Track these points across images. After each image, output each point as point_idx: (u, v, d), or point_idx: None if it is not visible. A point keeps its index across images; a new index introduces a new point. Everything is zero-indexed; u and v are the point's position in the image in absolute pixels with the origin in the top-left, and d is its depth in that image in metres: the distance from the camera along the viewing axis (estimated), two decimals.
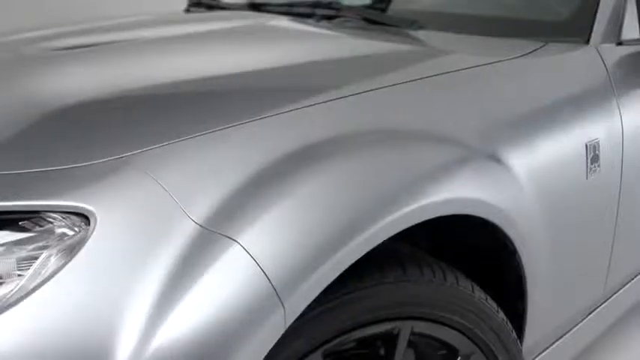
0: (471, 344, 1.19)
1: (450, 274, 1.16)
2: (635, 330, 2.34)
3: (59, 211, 0.91)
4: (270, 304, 0.89)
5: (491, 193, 1.20)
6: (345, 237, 0.95)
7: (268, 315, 0.89)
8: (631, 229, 1.66)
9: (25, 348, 0.82)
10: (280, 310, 0.89)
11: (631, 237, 1.69)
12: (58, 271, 0.86)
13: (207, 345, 0.86)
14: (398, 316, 1.09)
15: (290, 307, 0.90)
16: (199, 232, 0.90)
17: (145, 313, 0.85)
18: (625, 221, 1.61)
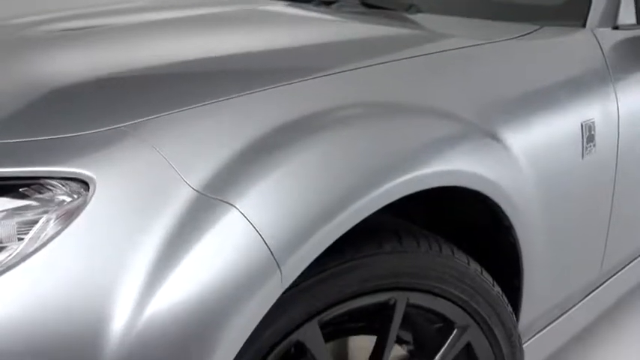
0: (467, 316, 1.20)
1: (446, 246, 1.18)
2: (634, 312, 2.35)
3: (59, 177, 0.92)
4: (267, 268, 0.90)
5: (488, 168, 1.21)
6: (341, 203, 0.97)
7: (265, 278, 0.90)
8: (627, 211, 1.68)
9: (23, 311, 0.83)
10: (277, 273, 0.91)
11: (627, 218, 1.70)
12: (56, 235, 0.87)
13: (204, 308, 0.88)
14: (394, 286, 1.11)
15: (287, 270, 0.92)
16: (197, 198, 0.91)
17: (143, 277, 0.86)
18: (621, 202, 1.62)
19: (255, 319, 0.91)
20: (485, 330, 1.23)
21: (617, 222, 1.65)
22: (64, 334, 0.83)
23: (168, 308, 0.87)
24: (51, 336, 0.83)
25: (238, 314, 0.89)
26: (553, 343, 1.70)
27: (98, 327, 0.84)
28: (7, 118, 1.05)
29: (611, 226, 1.64)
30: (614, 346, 2.15)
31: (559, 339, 1.73)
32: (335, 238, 0.96)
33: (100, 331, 0.84)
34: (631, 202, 1.69)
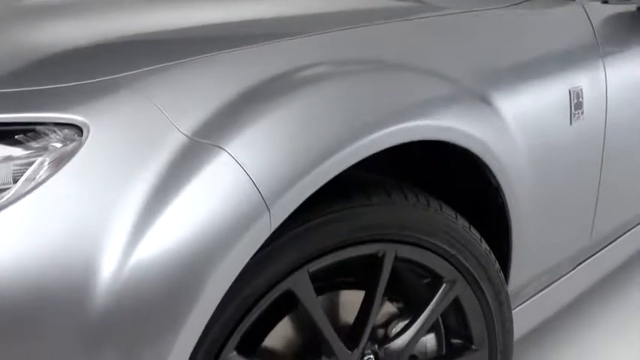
0: (455, 271, 1.22)
1: (434, 201, 1.20)
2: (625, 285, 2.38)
3: (53, 123, 0.94)
4: (257, 209, 0.93)
5: (476, 128, 1.24)
6: (329, 149, 0.99)
7: (254, 219, 0.93)
8: (616, 180, 1.70)
9: (14, 251, 0.85)
10: (266, 214, 0.93)
11: (616, 188, 1.72)
12: (49, 178, 0.89)
13: (193, 249, 0.90)
14: (382, 238, 1.13)
15: (275, 211, 0.94)
16: (188, 143, 0.94)
17: (133, 220, 0.88)
18: (610, 171, 1.65)
19: (242, 261, 0.94)
20: (472, 285, 1.25)
21: (606, 191, 1.67)
22: (53, 276, 0.86)
23: (158, 249, 0.89)
24: (40, 277, 0.85)
25: (226, 255, 0.92)
26: (543, 311, 1.72)
27: (88, 269, 0.86)
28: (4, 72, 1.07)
29: (600, 195, 1.66)
30: (603, 321, 2.18)
31: (549, 308, 1.75)
32: (323, 182, 0.99)
33: (90, 274, 0.86)
34: (620, 171, 1.72)
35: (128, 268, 0.87)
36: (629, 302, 2.28)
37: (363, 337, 1.16)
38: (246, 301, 1.04)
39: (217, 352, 1.04)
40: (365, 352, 1.19)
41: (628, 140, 1.72)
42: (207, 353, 1.02)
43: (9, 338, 0.86)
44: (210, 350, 1.02)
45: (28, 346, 0.87)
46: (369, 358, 1.20)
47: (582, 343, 2.05)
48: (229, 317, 1.03)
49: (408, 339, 1.21)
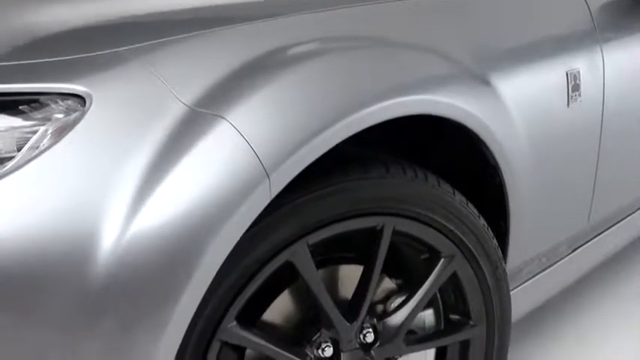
0: (453, 246, 1.24)
1: (432, 176, 1.22)
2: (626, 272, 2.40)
3: (57, 93, 0.96)
4: (256, 176, 0.94)
5: (475, 105, 1.25)
6: (329, 119, 1.01)
7: (254, 186, 0.94)
8: (614, 164, 1.71)
9: (17, 218, 0.87)
10: (266, 181, 0.95)
11: (614, 172, 1.73)
12: (51, 146, 0.90)
13: (194, 215, 0.91)
14: (380, 211, 1.14)
15: (275, 179, 0.96)
16: (189, 113, 0.95)
17: (134, 187, 0.90)
18: (607, 154, 1.66)
19: (242, 227, 0.95)
20: (470, 260, 1.26)
21: (604, 174, 1.68)
22: (55, 244, 0.87)
23: (158, 217, 0.90)
24: (42, 245, 0.87)
25: (226, 222, 0.93)
26: (541, 293, 1.74)
27: (89, 237, 0.88)
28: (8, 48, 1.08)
29: (597, 178, 1.67)
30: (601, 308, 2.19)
31: (547, 291, 1.76)
32: (322, 152, 1.00)
33: (91, 242, 0.88)
34: (617, 155, 1.73)
35: (129, 236, 0.89)
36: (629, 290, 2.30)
37: (362, 310, 1.18)
38: (246, 271, 1.05)
39: (218, 322, 1.05)
40: (364, 325, 1.20)
41: (626, 125, 1.74)
42: (207, 322, 1.04)
43: (10, 306, 0.88)
44: (210, 319, 1.04)
45: (29, 314, 0.88)
46: (368, 331, 1.21)
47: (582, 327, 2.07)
48: (230, 287, 1.04)
49: (407, 313, 1.23)
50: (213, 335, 1.05)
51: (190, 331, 1.01)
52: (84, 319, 0.89)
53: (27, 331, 0.89)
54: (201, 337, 1.04)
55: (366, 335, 1.21)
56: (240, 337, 1.08)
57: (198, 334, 1.03)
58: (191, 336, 1.02)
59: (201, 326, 1.03)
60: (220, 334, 1.05)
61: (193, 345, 1.04)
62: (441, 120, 1.24)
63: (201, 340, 1.04)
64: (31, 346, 0.89)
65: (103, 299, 0.89)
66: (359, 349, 1.20)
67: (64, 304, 0.88)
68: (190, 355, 1.04)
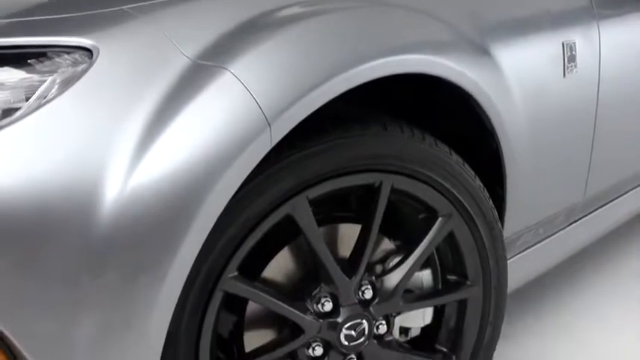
0: (449, 205, 1.26)
1: (429, 136, 1.24)
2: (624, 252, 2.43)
3: (64, 46, 0.99)
4: (258, 124, 0.97)
5: (471, 69, 1.28)
6: (329, 71, 1.04)
7: (256, 133, 0.97)
8: (610, 138, 1.74)
9: (23, 165, 0.89)
10: (267, 129, 0.98)
11: (610, 146, 1.76)
12: (58, 96, 0.93)
13: (196, 162, 0.94)
14: (378, 168, 1.17)
15: (276, 127, 0.98)
16: (192, 66, 0.98)
17: (138, 136, 0.92)
18: (603, 126, 1.68)
19: (243, 175, 0.98)
20: (467, 220, 1.29)
21: (600, 148, 1.71)
22: (60, 193, 0.89)
23: (161, 165, 0.93)
24: (47, 193, 0.89)
25: (228, 169, 0.96)
26: (538, 265, 1.76)
27: (93, 185, 0.90)
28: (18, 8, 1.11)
29: (594, 151, 1.70)
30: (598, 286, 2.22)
31: (544, 262, 1.79)
32: (321, 103, 1.03)
33: (95, 190, 0.90)
34: (614, 129, 1.75)
35: (131, 185, 0.91)
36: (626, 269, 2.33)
37: (360, 266, 1.20)
38: (247, 223, 1.08)
39: (219, 272, 1.08)
40: (362, 282, 1.23)
41: (622, 98, 1.76)
42: (209, 272, 1.06)
43: (14, 257, 0.89)
44: (212, 270, 1.06)
45: (33, 266, 0.90)
46: (367, 288, 1.23)
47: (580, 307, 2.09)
48: (231, 238, 1.07)
49: (405, 271, 1.25)
50: (215, 285, 1.07)
51: (192, 281, 1.04)
52: (88, 271, 0.91)
53: (31, 283, 0.90)
54: (203, 287, 1.06)
55: (365, 292, 1.23)
56: (241, 288, 1.11)
57: (200, 284, 1.06)
58: (193, 285, 1.05)
59: (203, 276, 1.05)
60: (222, 284, 1.08)
61: (195, 294, 1.06)
62: (438, 87, 1.28)
63: (204, 290, 1.06)
64: (35, 299, 0.91)
65: (106, 250, 0.91)
66: (358, 304, 1.22)
67: (67, 256, 0.90)
68: (192, 304, 1.06)
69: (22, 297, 0.91)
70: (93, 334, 0.93)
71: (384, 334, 1.28)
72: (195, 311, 1.07)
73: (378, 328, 1.26)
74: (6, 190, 0.88)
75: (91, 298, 0.92)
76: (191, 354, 1.09)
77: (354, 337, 1.22)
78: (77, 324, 0.93)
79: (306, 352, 1.21)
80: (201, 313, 1.08)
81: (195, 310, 1.07)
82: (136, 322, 0.95)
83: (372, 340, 1.26)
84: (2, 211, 0.88)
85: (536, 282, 2.11)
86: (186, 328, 1.07)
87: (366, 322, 1.23)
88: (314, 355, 1.21)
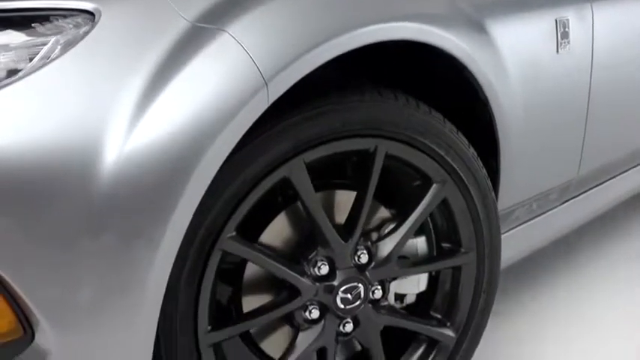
0: (443, 172, 1.29)
1: (423, 105, 1.27)
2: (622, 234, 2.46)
3: (67, 9, 1.01)
4: (255, 83, 1.00)
5: (465, 40, 1.30)
6: (325, 34, 1.06)
7: (253, 92, 1.00)
8: (603, 114, 1.76)
9: (24, 124, 0.91)
10: (264, 88, 1.00)
11: (604, 124, 1.79)
12: (60, 56, 0.95)
13: (194, 121, 0.97)
14: (373, 133, 1.20)
15: (273, 87, 1.01)
16: (192, 28, 1.01)
17: (137, 96, 0.95)
18: (597, 105, 1.71)
19: (239, 133, 1.00)
20: (460, 187, 1.31)
21: (594, 125, 1.73)
22: (61, 153, 0.91)
23: (160, 123, 0.95)
24: (48, 154, 0.91)
25: (225, 127, 0.99)
26: (532, 241, 1.79)
27: (93, 145, 0.92)
28: None
29: (587, 128, 1.72)
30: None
31: (538, 239, 1.82)
32: (316, 66, 1.06)
33: (95, 149, 0.92)
34: (607, 107, 1.78)
35: (130, 144, 0.93)
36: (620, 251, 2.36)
37: (356, 230, 1.23)
38: (244, 184, 1.10)
39: (218, 232, 1.10)
40: (358, 247, 1.26)
41: (615, 76, 1.79)
42: (208, 231, 1.08)
43: (17, 213, 0.91)
44: (211, 229, 1.09)
45: (33, 229, 0.92)
46: (362, 252, 1.26)
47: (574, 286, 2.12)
48: (229, 199, 1.09)
49: (400, 236, 1.28)
50: (214, 245, 1.10)
51: (191, 240, 1.06)
52: (87, 232, 0.93)
53: (32, 247, 0.92)
54: (202, 246, 1.09)
55: (361, 256, 1.26)
56: (239, 248, 1.13)
57: (199, 243, 1.08)
58: (192, 244, 1.07)
59: (201, 235, 1.08)
60: (220, 243, 1.10)
61: (194, 253, 1.08)
62: (436, 66, 1.31)
63: (202, 249, 1.09)
64: (37, 260, 0.93)
65: (105, 212, 0.93)
66: (354, 268, 1.25)
67: (67, 217, 0.92)
68: (192, 263, 1.08)
69: (23, 265, 0.93)
70: (91, 297, 0.96)
71: (380, 299, 1.31)
72: (194, 270, 1.09)
73: (373, 293, 1.29)
74: (7, 149, 0.90)
75: (89, 260, 0.94)
76: (190, 312, 1.11)
77: (350, 300, 1.25)
78: (77, 286, 0.95)
79: (303, 314, 1.24)
80: (200, 272, 1.10)
81: (194, 269, 1.09)
82: (134, 285, 0.98)
83: (367, 305, 1.29)
84: (4, 169, 0.90)
85: (532, 262, 2.15)
86: (186, 287, 1.09)
87: (361, 285, 1.26)
88: (310, 317, 1.24)
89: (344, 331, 1.28)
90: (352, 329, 1.29)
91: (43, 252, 0.93)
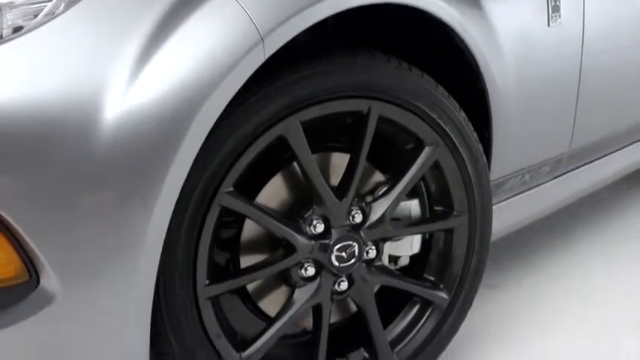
0: (435, 135, 1.32)
1: (415, 68, 1.31)
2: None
3: None
4: (252, 39, 1.04)
5: (459, 10, 1.34)
6: None
7: (250, 48, 1.04)
8: (595, 88, 1.79)
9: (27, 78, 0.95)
10: (260, 44, 1.04)
11: (595, 99, 1.82)
12: (64, 12, 0.99)
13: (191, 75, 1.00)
14: (367, 94, 1.24)
15: (269, 43, 1.05)
16: None
17: (137, 51, 0.98)
18: (588, 77, 1.74)
19: (235, 87, 1.04)
20: (452, 150, 1.35)
21: (585, 100, 1.77)
22: (62, 108, 0.95)
23: (159, 77, 0.99)
24: (50, 108, 0.94)
25: (222, 81, 1.02)
26: (524, 213, 1.82)
27: (94, 99, 0.96)
28: None
29: (579, 102, 1.76)
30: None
31: (530, 211, 1.85)
32: (310, 23, 1.10)
33: (96, 103, 0.96)
34: (599, 81, 1.81)
35: (129, 100, 0.97)
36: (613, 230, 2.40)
37: (350, 188, 1.27)
38: (242, 140, 1.14)
39: (216, 187, 1.14)
40: (352, 207, 1.29)
41: (606, 51, 1.82)
42: (206, 186, 1.12)
43: (20, 166, 0.94)
44: (209, 184, 1.12)
45: (39, 175, 0.95)
46: (357, 212, 1.30)
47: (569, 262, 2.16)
48: (227, 154, 1.13)
49: (394, 197, 1.32)
50: (212, 199, 1.14)
51: (190, 195, 1.10)
52: (86, 190, 0.97)
53: (37, 196, 0.96)
54: (200, 202, 1.12)
55: (355, 216, 1.30)
56: (237, 204, 1.17)
57: (197, 198, 1.11)
58: (191, 199, 1.11)
59: (200, 191, 1.11)
60: (219, 198, 1.14)
61: (193, 209, 1.12)
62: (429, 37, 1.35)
63: (201, 205, 1.13)
64: (40, 212, 0.96)
65: (104, 168, 0.97)
66: (348, 227, 1.29)
67: (67, 173, 0.96)
68: (190, 219, 1.12)
69: (31, 204, 0.96)
70: (90, 256, 1.00)
71: (374, 259, 1.35)
72: (192, 225, 1.13)
73: (367, 253, 1.33)
74: (12, 101, 0.93)
75: (88, 219, 0.98)
76: (189, 266, 1.15)
77: (344, 258, 1.29)
78: (77, 245, 0.99)
79: (299, 272, 1.27)
80: (198, 227, 1.14)
81: (193, 223, 1.13)
82: (131, 243, 1.02)
83: (361, 264, 1.32)
84: (9, 120, 0.93)
85: (528, 239, 2.20)
86: (185, 242, 1.13)
87: (356, 244, 1.30)
88: (306, 275, 1.28)
89: (339, 289, 1.32)
90: (347, 288, 1.33)
91: (47, 201, 0.96)
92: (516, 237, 2.09)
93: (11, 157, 0.94)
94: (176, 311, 1.15)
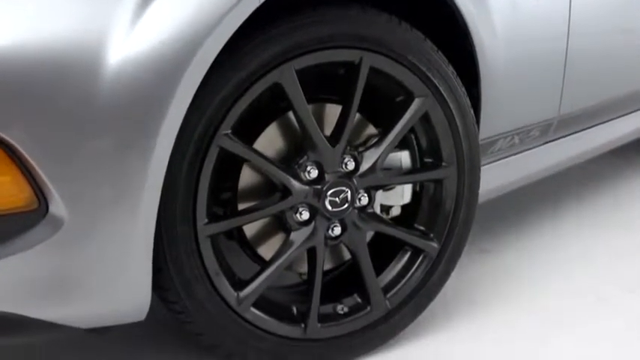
0: (424, 87, 1.39)
1: (404, 22, 1.37)
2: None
3: None
4: None
5: None
6: None
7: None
8: (583, 58, 1.85)
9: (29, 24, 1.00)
10: None
11: (583, 66, 1.87)
12: None
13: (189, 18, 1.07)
14: (358, 45, 1.30)
15: None
16: None
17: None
18: (576, 46, 1.80)
19: (230, 31, 1.11)
20: (440, 102, 1.41)
21: (573, 66, 1.82)
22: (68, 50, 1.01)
23: (157, 22, 1.06)
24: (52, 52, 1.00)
25: (219, 24, 1.09)
26: (513, 176, 1.88)
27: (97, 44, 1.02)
28: None
29: (567, 68, 1.81)
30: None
31: (519, 175, 1.90)
32: None
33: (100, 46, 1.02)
34: (587, 49, 1.87)
35: (128, 47, 1.03)
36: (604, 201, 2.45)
37: (343, 135, 1.33)
38: (238, 85, 1.20)
39: (215, 129, 1.20)
40: (345, 155, 1.36)
41: (595, 16, 1.88)
42: (205, 128, 1.18)
43: (29, 105, 1.00)
44: (208, 125, 1.19)
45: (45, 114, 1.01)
46: (349, 160, 1.36)
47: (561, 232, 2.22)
48: (224, 98, 1.19)
49: (385, 146, 1.38)
50: (211, 141, 1.20)
51: (190, 136, 1.17)
52: (87, 137, 1.03)
53: (45, 131, 1.01)
54: (199, 143, 1.19)
55: (347, 163, 1.36)
56: (235, 146, 1.23)
57: (197, 139, 1.18)
58: (191, 140, 1.17)
59: (199, 132, 1.18)
60: (217, 139, 1.21)
61: (193, 149, 1.18)
62: None
63: (200, 145, 1.19)
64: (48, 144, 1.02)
65: (105, 114, 1.03)
66: (341, 174, 1.35)
67: (70, 119, 1.02)
68: (190, 159, 1.18)
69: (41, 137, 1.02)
70: (86, 207, 1.06)
71: (366, 207, 1.41)
72: (192, 165, 1.19)
73: (360, 200, 1.39)
74: (18, 46, 0.99)
75: (87, 170, 1.05)
76: (189, 204, 1.21)
77: (337, 203, 1.35)
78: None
79: (294, 216, 1.34)
80: (198, 167, 1.20)
81: (192, 164, 1.19)
82: (130, 194, 1.08)
83: (354, 210, 1.39)
84: (16, 64, 0.99)
85: (519, 205, 2.27)
86: (185, 181, 1.19)
87: (348, 190, 1.36)
88: (301, 219, 1.34)
89: (332, 234, 1.38)
90: (340, 233, 1.39)
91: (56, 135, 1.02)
92: (508, 205, 2.15)
93: (22, 94, 1.00)
94: (177, 247, 1.21)
